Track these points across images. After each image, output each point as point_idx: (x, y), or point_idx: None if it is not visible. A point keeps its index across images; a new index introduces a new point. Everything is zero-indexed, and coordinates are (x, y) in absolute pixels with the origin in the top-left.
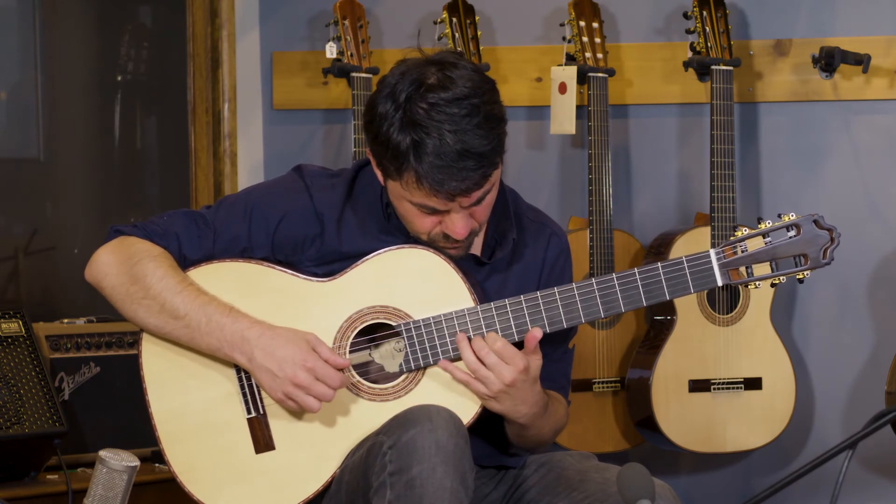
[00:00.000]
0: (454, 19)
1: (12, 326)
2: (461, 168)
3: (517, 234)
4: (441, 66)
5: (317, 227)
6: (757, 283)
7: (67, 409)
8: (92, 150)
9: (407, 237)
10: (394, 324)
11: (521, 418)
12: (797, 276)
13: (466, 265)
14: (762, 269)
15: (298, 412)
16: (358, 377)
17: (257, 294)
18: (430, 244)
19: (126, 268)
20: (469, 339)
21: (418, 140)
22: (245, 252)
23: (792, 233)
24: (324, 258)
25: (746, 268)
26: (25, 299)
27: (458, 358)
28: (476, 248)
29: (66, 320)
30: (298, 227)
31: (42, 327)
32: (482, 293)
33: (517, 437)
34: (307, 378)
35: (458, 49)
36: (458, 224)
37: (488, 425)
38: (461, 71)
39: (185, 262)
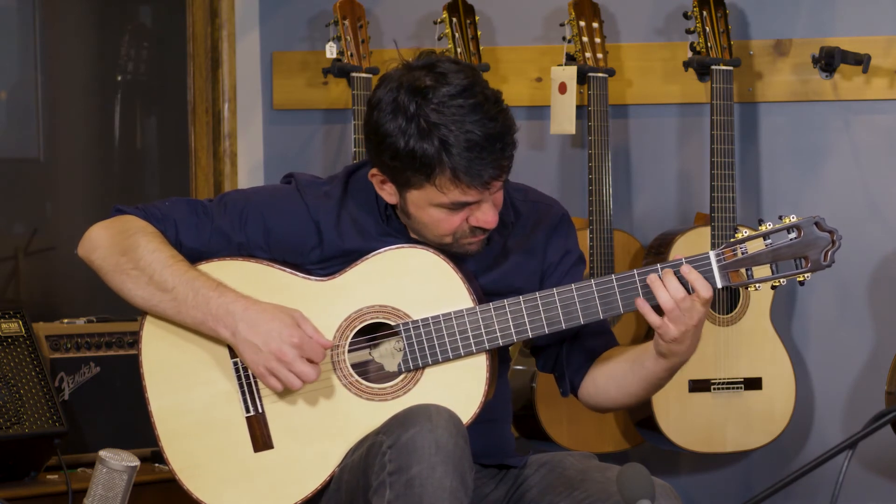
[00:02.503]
0: (454, 19)
1: (12, 326)
2: (493, 153)
3: (514, 218)
4: (427, 68)
5: (315, 237)
6: (757, 285)
7: (67, 409)
8: (92, 150)
9: (407, 238)
10: (393, 323)
11: (687, 359)
12: (798, 279)
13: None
14: (762, 271)
15: (303, 407)
16: (357, 376)
17: (258, 292)
18: (451, 247)
19: (118, 240)
20: (660, 277)
21: (444, 139)
22: (242, 249)
23: (793, 235)
24: (328, 262)
25: (746, 270)
26: (25, 299)
27: (457, 357)
28: None
29: (66, 320)
30: (296, 236)
31: (42, 327)
32: (480, 288)
33: (653, 387)
34: (292, 353)
35: (458, 49)
36: (489, 213)
37: (489, 424)
38: (446, 65)
39: (181, 248)
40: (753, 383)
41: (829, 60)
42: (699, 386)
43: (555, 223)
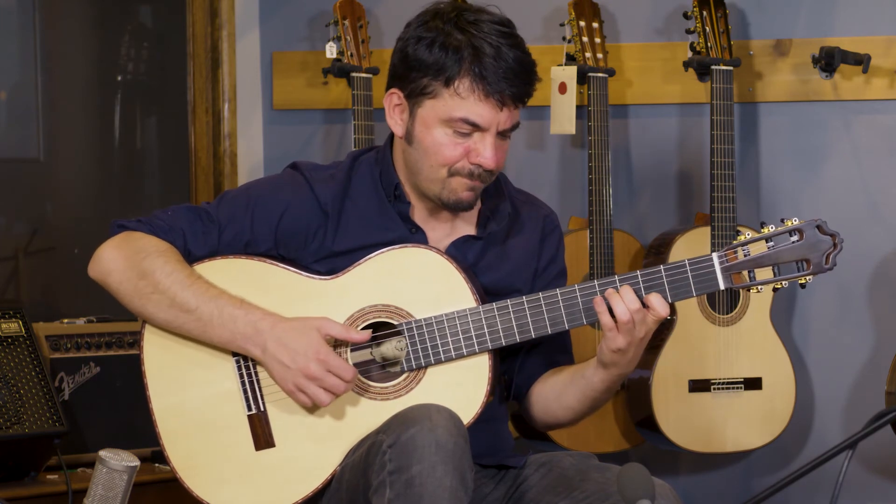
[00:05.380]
0: None
1: (12, 326)
2: (518, 75)
3: (513, 213)
4: (467, 7)
5: (321, 219)
6: (759, 287)
7: (67, 409)
8: (92, 150)
9: (408, 223)
10: (395, 323)
11: (626, 375)
12: (799, 281)
13: (463, 241)
14: (764, 273)
15: (305, 407)
16: (360, 375)
17: (261, 291)
18: (444, 187)
19: (133, 263)
20: (616, 289)
21: (478, 46)
22: (248, 246)
23: (795, 238)
24: (327, 251)
25: (749, 272)
26: (25, 299)
27: (460, 357)
28: (471, 227)
29: (66, 320)
30: (302, 220)
31: (42, 327)
32: (482, 287)
33: (589, 401)
34: (319, 370)
35: None
36: (489, 149)
37: (489, 424)
38: (486, 7)
39: (191, 257)
40: (753, 383)
41: (829, 60)
42: (699, 386)
43: (549, 230)
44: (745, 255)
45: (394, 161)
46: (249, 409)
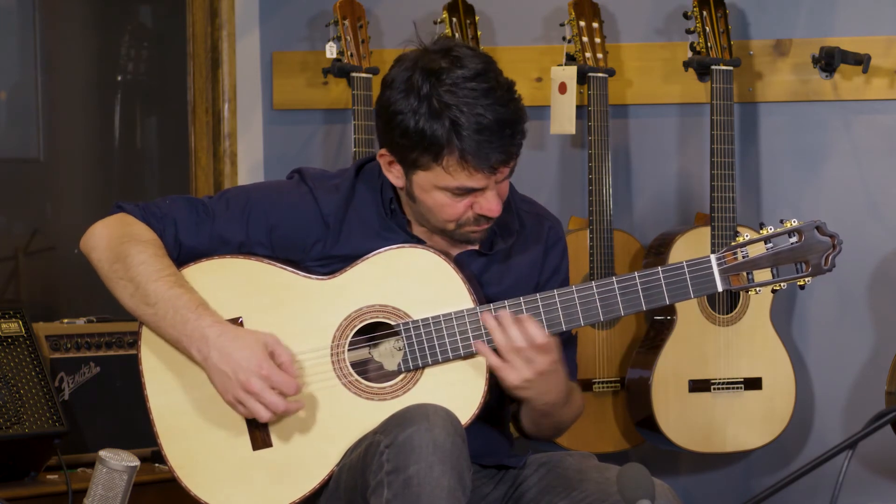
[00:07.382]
0: (454, 19)
1: (12, 326)
2: (501, 138)
3: (519, 227)
4: (443, 52)
5: (322, 230)
6: (758, 288)
7: (67, 409)
8: (92, 150)
9: (407, 234)
10: (393, 323)
11: (543, 406)
12: (798, 283)
13: (467, 256)
14: (763, 274)
15: (302, 408)
16: (356, 375)
17: (258, 291)
18: (453, 234)
19: (114, 245)
20: (498, 319)
21: (455, 120)
22: (242, 247)
23: (794, 239)
24: (327, 259)
25: (747, 273)
26: (25, 299)
27: (457, 357)
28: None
29: (66, 320)
30: (300, 231)
31: (42, 327)
32: (480, 289)
33: (534, 424)
34: (259, 385)
35: None
36: (493, 201)
37: (488, 424)
38: (462, 50)
39: (181, 248)
40: (753, 383)
41: (829, 60)
42: (699, 386)
43: (553, 241)
44: (743, 257)
45: None
46: None
